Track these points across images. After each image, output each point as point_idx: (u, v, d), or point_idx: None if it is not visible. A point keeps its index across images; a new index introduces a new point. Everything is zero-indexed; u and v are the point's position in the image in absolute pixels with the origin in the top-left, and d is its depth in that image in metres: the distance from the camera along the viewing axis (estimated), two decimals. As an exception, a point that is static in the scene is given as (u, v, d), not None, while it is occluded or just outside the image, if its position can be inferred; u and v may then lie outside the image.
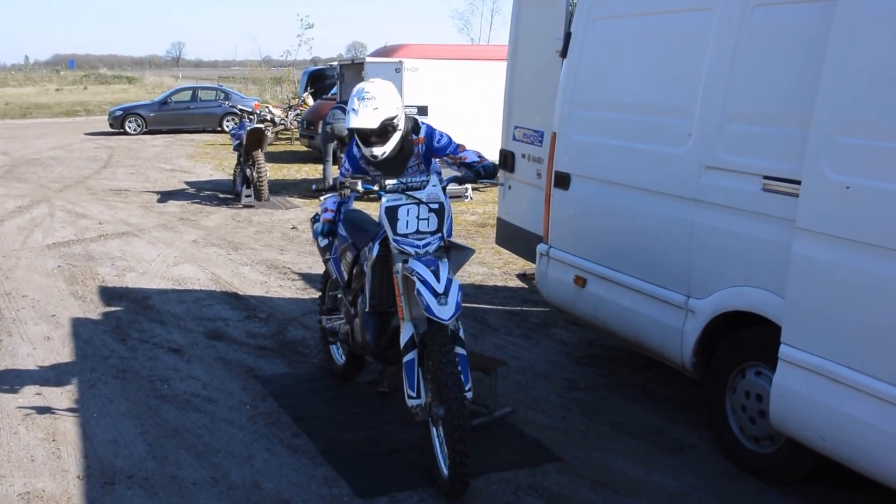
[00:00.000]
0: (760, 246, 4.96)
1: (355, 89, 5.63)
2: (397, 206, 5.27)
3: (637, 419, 6.19)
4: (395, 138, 5.66)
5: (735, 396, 5.37)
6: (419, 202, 5.25)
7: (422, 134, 5.84)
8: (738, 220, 5.10)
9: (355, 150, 5.88)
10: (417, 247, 5.21)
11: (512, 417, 6.17)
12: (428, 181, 5.32)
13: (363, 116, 5.49)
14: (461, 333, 5.07)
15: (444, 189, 5.37)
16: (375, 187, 5.35)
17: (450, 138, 5.90)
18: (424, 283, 4.95)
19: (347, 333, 6.22)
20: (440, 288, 4.93)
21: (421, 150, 5.84)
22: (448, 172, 5.79)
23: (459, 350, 5.03)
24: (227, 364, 7.20)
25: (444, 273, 5.01)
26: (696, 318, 5.48)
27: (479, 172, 5.58)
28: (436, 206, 5.26)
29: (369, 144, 5.61)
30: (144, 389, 6.62)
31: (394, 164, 5.79)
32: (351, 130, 5.63)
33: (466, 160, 5.75)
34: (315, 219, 6.73)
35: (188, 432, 5.87)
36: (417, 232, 5.24)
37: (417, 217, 5.24)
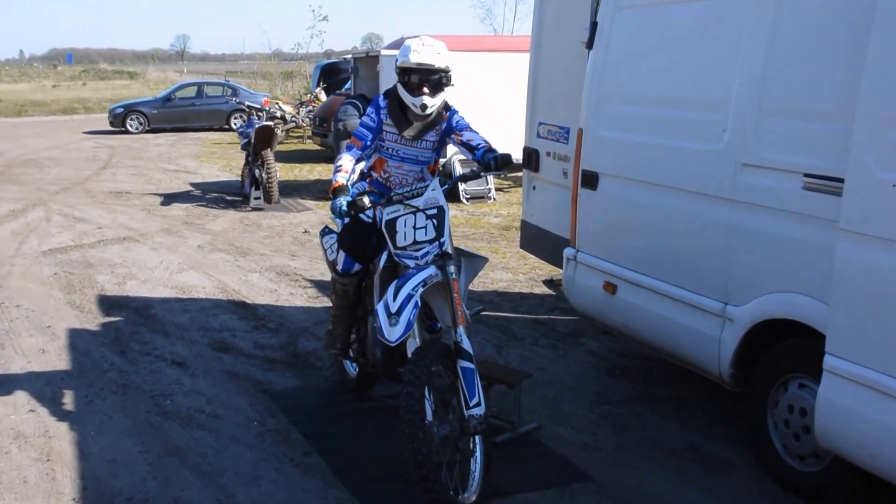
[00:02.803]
0: (802, 249, 4.94)
1: (410, 40, 5.78)
2: (395, 219, 5.39)
3: (672, 435, 6.18)
4: (442, 96, 5.83)
5: (777, 411, 5.35)
6: (416, 210, 5.32)
7: (448, 112, 5.99)
8: (778, 221, 5.08)
9: (381, 100, 5.97)
10: (416, 258, 5.31)
11: (538, 434, 6.17)
12: (427, 186, 5.41)
13: (428, 56, 5.67)
14: (465, 345, 5.05)
15: (447, 192, 5.45)
16: (382, 201, 5.49)
17: (468, 124, 5.99)
18: (386, 301, 5.05)
19: (358, 351, 6.27)
20: (394, 307, 5.00)
21: (442, 126, 5.95)
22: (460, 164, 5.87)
23: (465, 363, 5.03)
24: (233, 378, 7.24)
25: (409, 286, 5.08)
26: (735, 326, 5.46)
27: (487, 165, 5.61)
28: (434, 210, 5.33)
29: (420, 94, 5.73)
30: (145, 405, 6.66)
31: (416, 129, 5.91)
32: (406, 70, 5.71)
33: (472, 142, 5.82)
34: (324, 231, 6.77)
35: (192, 451, 5.90)
36: (415, 242, 5.32)
37: (414, 227, 5.32)
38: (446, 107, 5.98)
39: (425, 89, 5.71)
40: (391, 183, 6.01)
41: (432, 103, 5.75)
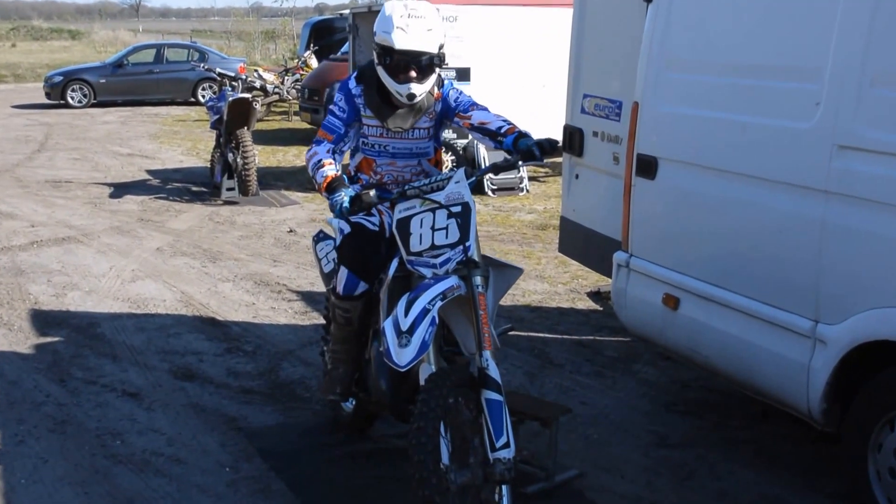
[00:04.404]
0: (914, 253, 4.94)
1: (391, 5, 5.69)
2: (409, 217, 5.38)
3: (748, 486, 6.19)
4: (433, 79, 5.82)
5: (881, 456, 5.33)
6: (436, 207, 5.32)
7: (441, 89, 6.00)
8: (884, 218, 5.06)
9: (353, 85, 5.98)
10: (434, 266, 5.30)
11: (580, 483, 6.19)
12: (450, 177, 5.39)
13: (417, 36, 5.60)
14: (492, 372, 5.05)
15: (475, 183, 5.43)
16: (395, 195, 5.49)
17: (470, 98, 5.99)
18: (395, 317, 5.04)
19: (357, 382, 6.28)
20: (405, 324, 4.98)
21: (437, 108, 5.99)
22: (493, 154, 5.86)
23: (491, 395, 5.03)
24: (200, 413, 7.28)
25: (425, 300, 5.05)
26: (828, 350, 5.45)
27: (529, 153, 5.47)
28: (458, 208, 5.31)
29: (406, 80, 5.69)
30: (90, 446, 6.70)
31: (404, 118, 5.92)
32: (386, 50, 5.65)
33: (488, 125, 5.78)
34: (317, 237, 6.78)
35: (147, 503, 5.93)
36: (433, 247, 5.32)
37: (432, 227, 5.32)
38: (439, 82, 5.98)
39: (412, 73, 5.68)
40: (385, 184, 6.03)
41: (421, 91, 5.75)
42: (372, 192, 5.41)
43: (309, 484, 6.16)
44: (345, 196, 5.45)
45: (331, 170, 5.72)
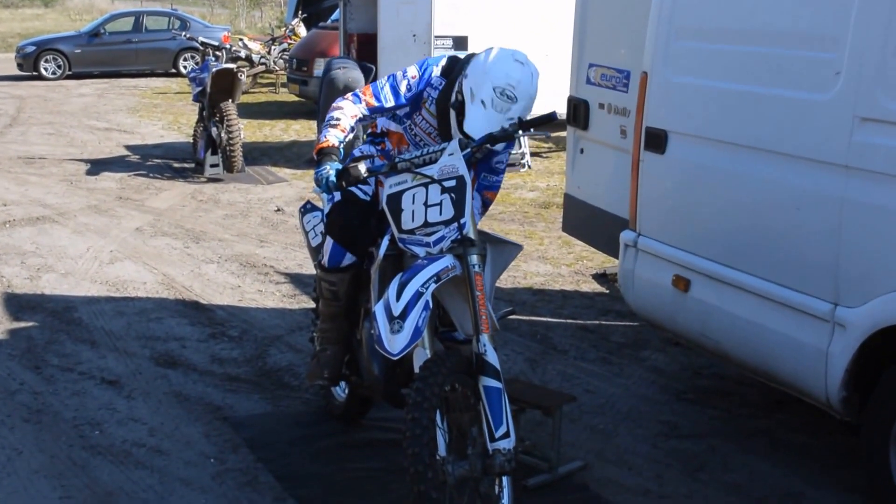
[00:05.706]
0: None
1: (499, 64, 5.51)
2: (401, 192, 5.34)
3: (763, 479, 6.20)
4: None
5: (903, 447, 5.36)
6: (428, 182, 5.29)
7: None
8: (908, 194, 5.08)
9: (436, 76, 5.81)
10: (428, 245, 5.28)
11: (583, 476, 6.20)
12: (443, 149, 5.33)
13: (489, 124, 5.43)
14: (491, 357, 5.06)
15: (470, 158, 5.40)
16: (384, 169, 5.42)
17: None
18: (387, 301, 5.01)
19: (349, 367, 6.27)
20: (397, 308, 4.95)
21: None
22: None
23: (489, 382, 5.03)
24: (183, 401, 7.28)
25: (418, 282, 5.02)
26: (848, 334, 5.44)
27: (526, 122, 5.43)
28: (452, 182, 5.26)
29: None
30: (67, 437, 6.70)
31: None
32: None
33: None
34: (304, 208, 6.75)
35: (128, 496, 5.94)
36: (426, 224, 5.29)
37: (425, 203, 5.27)
38: None
39: None
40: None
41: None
42: (361, 166, 5.30)
43: (298, 476, 6.17)
44: (331, 170, 5.38)
45: (334, 136, 5.59)
